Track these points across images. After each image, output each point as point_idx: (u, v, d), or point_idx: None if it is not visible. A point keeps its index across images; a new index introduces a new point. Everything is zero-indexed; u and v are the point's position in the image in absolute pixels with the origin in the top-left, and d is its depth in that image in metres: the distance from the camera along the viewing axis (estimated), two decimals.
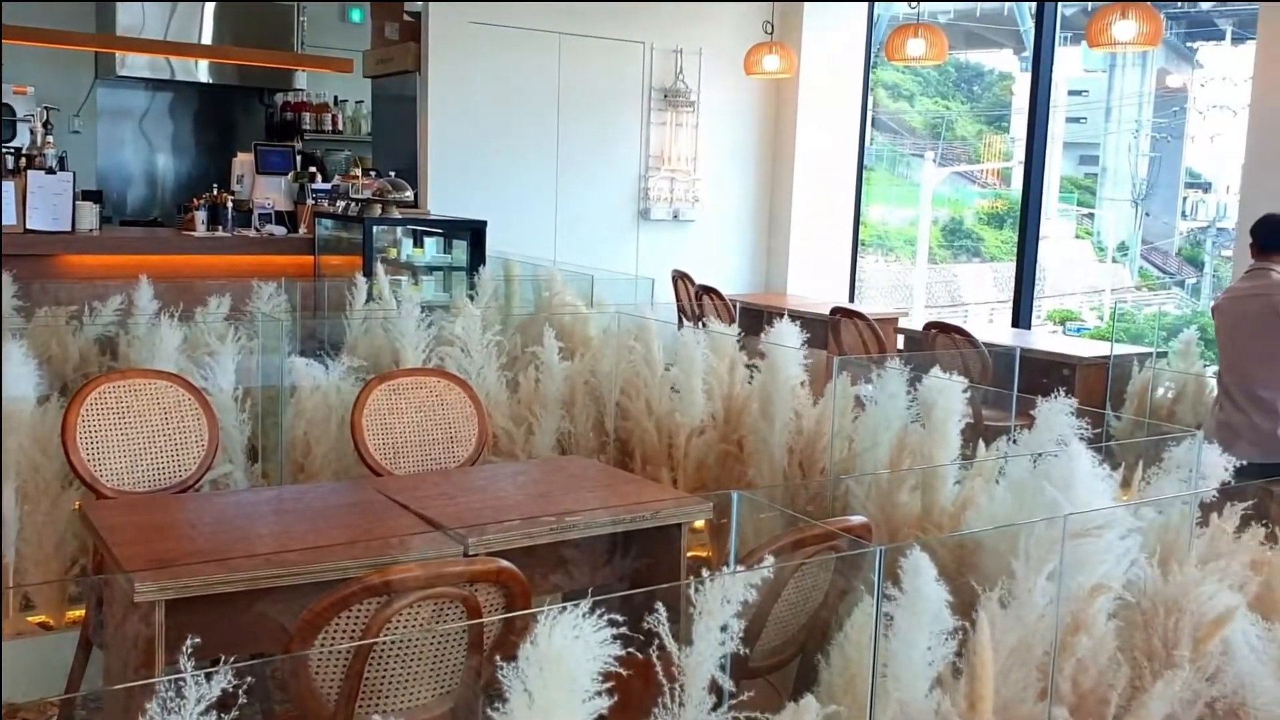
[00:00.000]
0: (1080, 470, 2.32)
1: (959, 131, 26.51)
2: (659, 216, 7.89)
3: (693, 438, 4.16)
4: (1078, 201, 25.63)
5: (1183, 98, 25.65)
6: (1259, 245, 4.49)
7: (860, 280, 21.02)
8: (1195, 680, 2.24)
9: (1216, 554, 2.53)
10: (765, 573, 1.81)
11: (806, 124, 8.17)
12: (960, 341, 5.57)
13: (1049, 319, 20.56)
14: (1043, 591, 2.12)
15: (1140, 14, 5.52)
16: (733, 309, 6.72)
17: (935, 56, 6.48)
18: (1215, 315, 4.57)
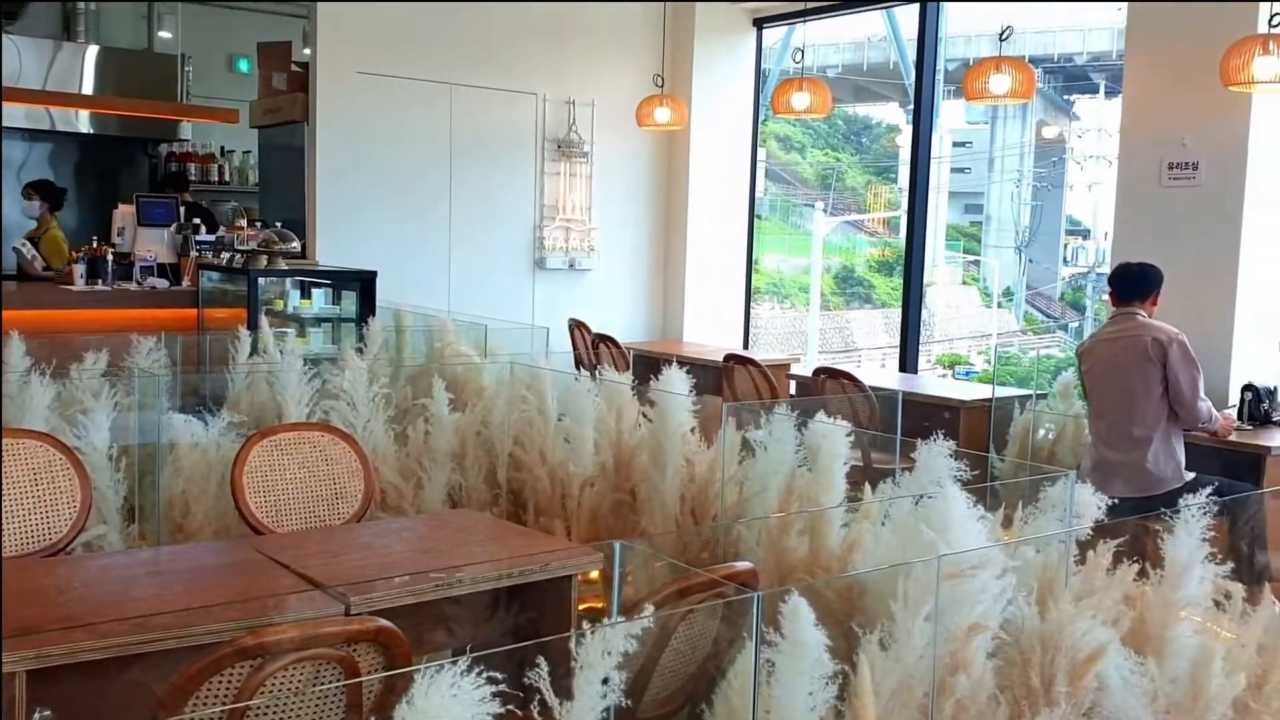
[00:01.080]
0: (956, 511, 2.37)
1: (849, 182, 27.23)
2: (555, 265, 7.91)
3: (586, 487, 4.14)
4: (964, 249, 26.46)
5: (1061, 148, 26.75)
6: (1118, 294, 4.71)
7: (757, 327, 21.31)
8: (1072, 716, 2.28)
9: (1091, 591, 2.60)
10: (646, 623, 1.80)
11: (699, 174, 8.29)
12: (848, 386, 5.67)
13: (939, 363, 21.10)
14: (921, 632, 2.15)
15: (1013, 68, 5.75)
16: (628, 357, 6.74)
17: (820, 109, 6.64)
18: (1082, 359, 4.75)
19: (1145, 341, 4.53)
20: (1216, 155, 5.66)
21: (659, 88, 7.55)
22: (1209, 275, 5.66)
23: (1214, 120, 5.65)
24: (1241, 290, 5.62)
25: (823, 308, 23.11)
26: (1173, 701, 2.55)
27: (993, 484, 3.00)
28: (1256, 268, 5.68)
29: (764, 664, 2.00)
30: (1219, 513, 4.43)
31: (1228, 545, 4.45)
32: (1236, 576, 3.63)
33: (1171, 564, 2.66)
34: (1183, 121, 5.76)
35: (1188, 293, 5.66)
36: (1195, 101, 5.67)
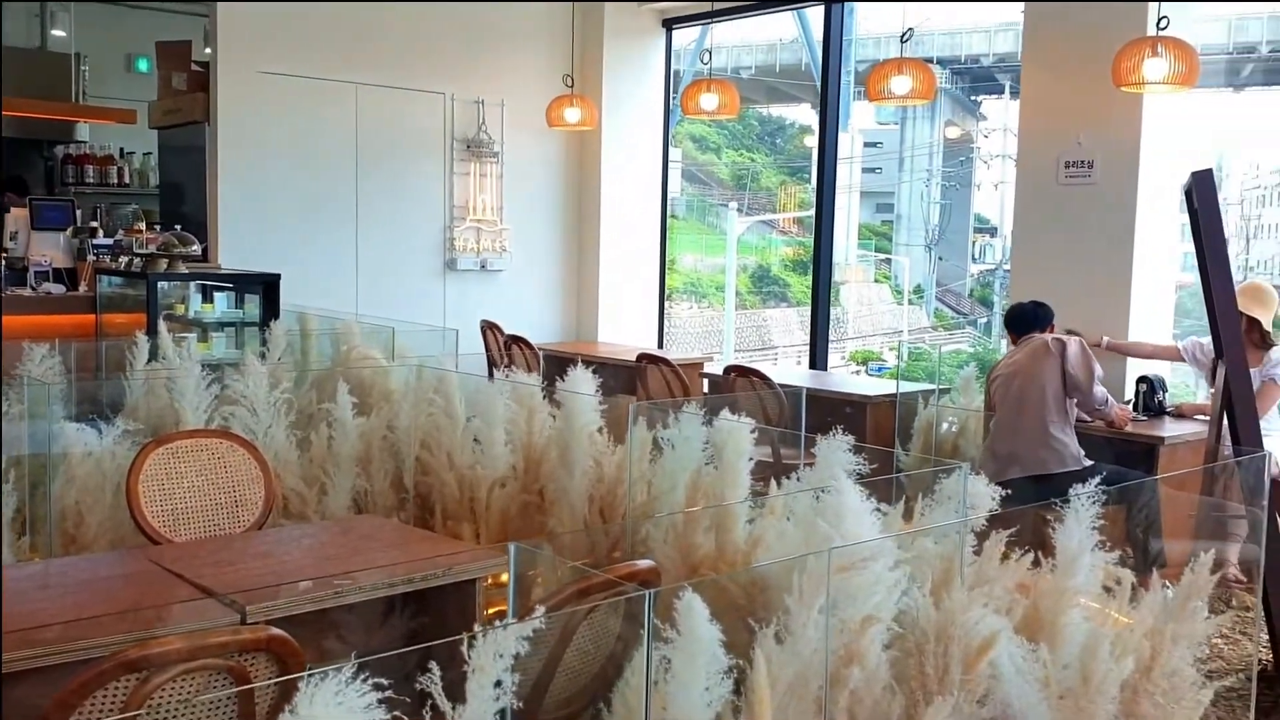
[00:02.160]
0: (850, 505, 2.40)
1: (763, 182, 27.49)
2: (466, 267, 7.84)
3: (494, 489, 4.12)
4: (876, 247, 26.89)
5: (969, 148, 27.32)
6: (1015, 333, 4.90)
7: (675, 326, 21.35)
8: (966, 704, 2.33)
9: (985, 580, 2.65)
10: (537, 625, 1.79)
11: (611, 175, 8.29)
12: (758, 384, 5.72)
13: (852, 359, 21.41)
14: (816, 625, 2.17)
15: (915, 69, 5.85)
16: (540, 358, 6.72)
17: (728, 110, 6.69)
18: (991, 381, 4.90)
19: (1045, 341, 4.72)
20: (1111, 154, 5.83)
21: (569, 88, 7.54)
22: (1105, 270, 5.82)
23: (1108, 120, 5.81)
24: (1136, 284, 5.79)
25: (740, 307, 23.30)
26: (1065, 687, 2.62)
27: (888, 477, 3.04)
28: (1149, 263, 5.86)
29: (661, 661, 2.01)
30: (1115, 501, 4.59)
31: (1124, 533, 4.61)
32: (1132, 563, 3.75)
33: (1063, 552, 2.73)
34: (1078, 121, 5.92)
35: (1085, 288, 5.83)
36: (1090, 102, 5.82)
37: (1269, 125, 29.06)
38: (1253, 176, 28.06)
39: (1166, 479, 4.75)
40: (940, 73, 24.93)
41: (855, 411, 5.82)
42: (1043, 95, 6.16)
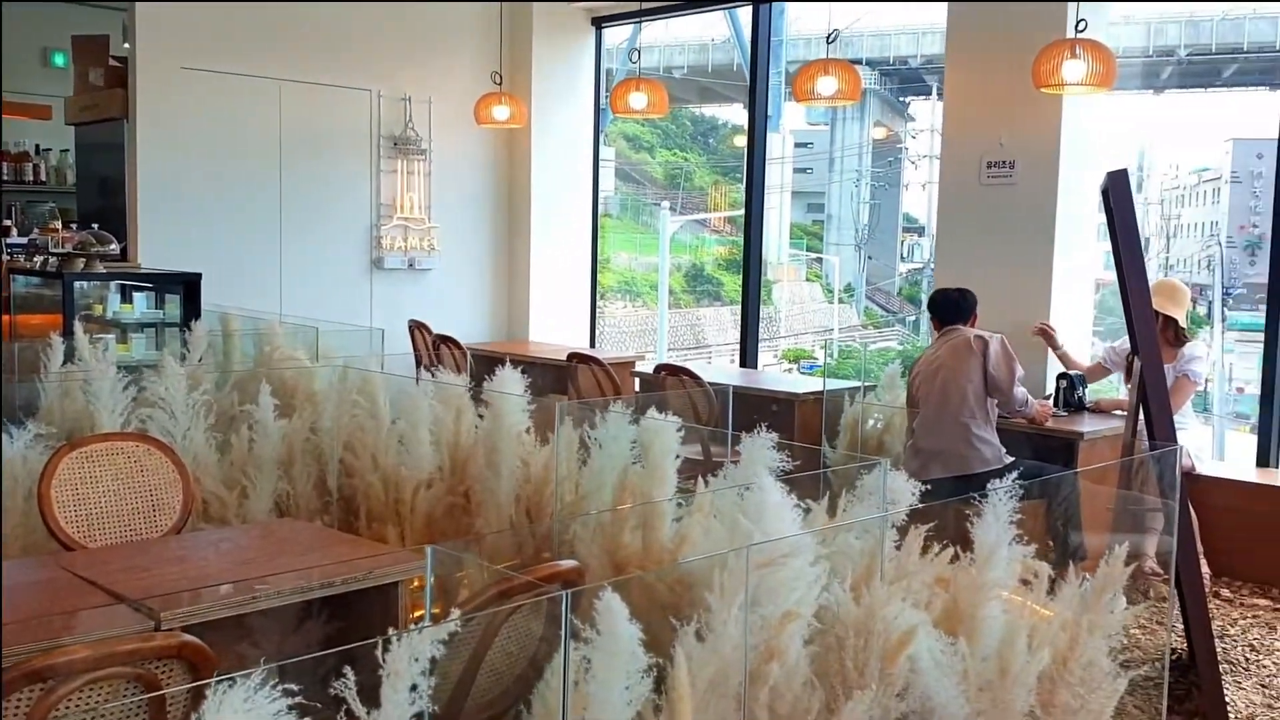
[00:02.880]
0: (771, 502, 2.41)
1: (697, 181, 27.59)
2: (393, 266, 7.76)
3: (419, 491, 4.07)
4: (807, 247, 27.14)
5: (897, 148, 27.70)
6: (939, 319, 4.93)
7: (609, 325, 21.28)
8: (884, 698, 2.35)
9: (905, 575, 2.68)
10: (453, 628, 1.78)
11: (541, 173, 8.26)
12: (689, 382, 5.73)
13: (784, 357, 21.58)
14: (737, 622, 2.18)
15: (840, 70, 5.90)
16: (469, 358, 6.66)
17: (657, 110, 6.70)
18: (913, 371, 4.95)
19: (968, 338, 4.75)
20: (1031, 154, 5.93)
21: (497, 85, 7.49)
22: (1026, 269, 5.92)
23: (1028, 121, 5.91)
24: (1056, 282, 5.90)
25: (674, 305, 23.37)
26: (983, 679, 2.65)
27: (809, 473, 3.06)
28: (1069, 261, 5.98)
29: (581, 661, 2.00)
30: (1037, 496, 4.68)
31: (1045, 527, 4.69)
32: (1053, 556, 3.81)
33: (981, 546, 2.76)
34: (1000, 122, 6.02)
35: (1007, 286, 5.93)
36: (1011, 103, 5.92)
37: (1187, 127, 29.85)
38: (1172, 177, 28.80)
39: (1085, 473, 4.84)
40: (869, 74, 25.25)
41: (784, 409, 5.87)
42: (965, 97, 6.25)
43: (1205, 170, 27.44)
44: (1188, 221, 27.43)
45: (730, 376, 6.78)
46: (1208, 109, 39.15)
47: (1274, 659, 4.43)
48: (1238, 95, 26.18)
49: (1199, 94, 27.59)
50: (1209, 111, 44.01)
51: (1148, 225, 27.18)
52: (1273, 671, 4.32)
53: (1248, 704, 4.03)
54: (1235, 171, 26.04)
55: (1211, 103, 28.71)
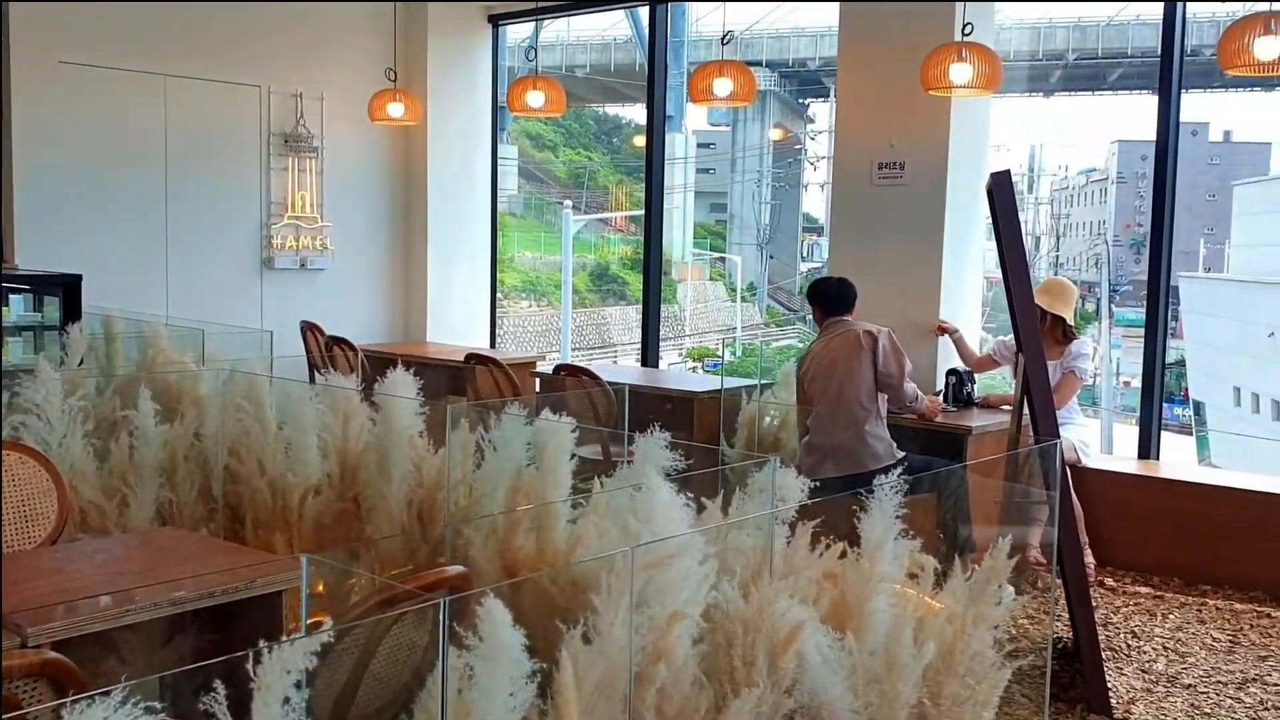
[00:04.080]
0: (660, 501, 2.41)
1: (601, 181, 27.61)
2: (285, 266, 7.59)
3: (308, 498, 3.98)
4: (711, 246, 27.37)
5: (797, 150, 28.07)
6: (823, 309, 4.97)
7: (513, 325, 21.14)
8: (772, 695, 2.36)
9: (793, 571, 2.70)
10: (325, 638, 1.73)
11: (438, 171, 8.15)
12: (588, 382, 5.71)
13: (689, 356, 21.73)
14: (624, 624, 2.17)
15: (735, 72, 5.95)
16: (364, 360, 6.55)
17: (555, 108, 6.67)
18: (803, 364, 5.00)
19: (857, 334, 4.80)
20: (921, 156, 6.04)
21: (392, 82, 7.37)
22: (916, 268, 6.03)
23: (918, 122, 6.02)
24: (945, 281, 6.02)
25: (579, 305, 23.34)
26: (871, 673, 2.69)
27: (698, 472, 3.07)
28: (958, 260, 6.10)
29: (465, 668, 1.97)
30: (928, 490, 4.76)
31: (936, 520, 4.78)
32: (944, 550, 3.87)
33: (867, 540, 2.79)
34: (891, 124, 6.12)
35: (898, 284, 6.03)
36: (901, 105, 6.02)
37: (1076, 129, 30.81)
38: (1061, 177, 29.73)
39: (973, 467, 4.95)
40: (769, 76, 25.53)
41: (682, 408, 5.89)
42: (857, 99, 6.34)
43: (1092, 171, 28.40)
44: (1076, 220, 28.35)
45: (632, 376, 6.78)
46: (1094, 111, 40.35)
47: (1154, 645, 4.57)
48: (1123, 99, 27.10)
49: (1086, 97, 28.51)
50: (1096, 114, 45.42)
51: (1039, 224, 28.01)
52: (1152, 657, 4.46)
53: (1129, 689, 4.15)
54: (1121, 172, 26.98)
55: (1098, 106, 29.70)
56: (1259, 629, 4.74)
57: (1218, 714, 3.96)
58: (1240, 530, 5.15)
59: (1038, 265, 26.68)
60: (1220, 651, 4.51)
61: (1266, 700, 4.06)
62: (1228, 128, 29.22)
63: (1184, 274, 21.20)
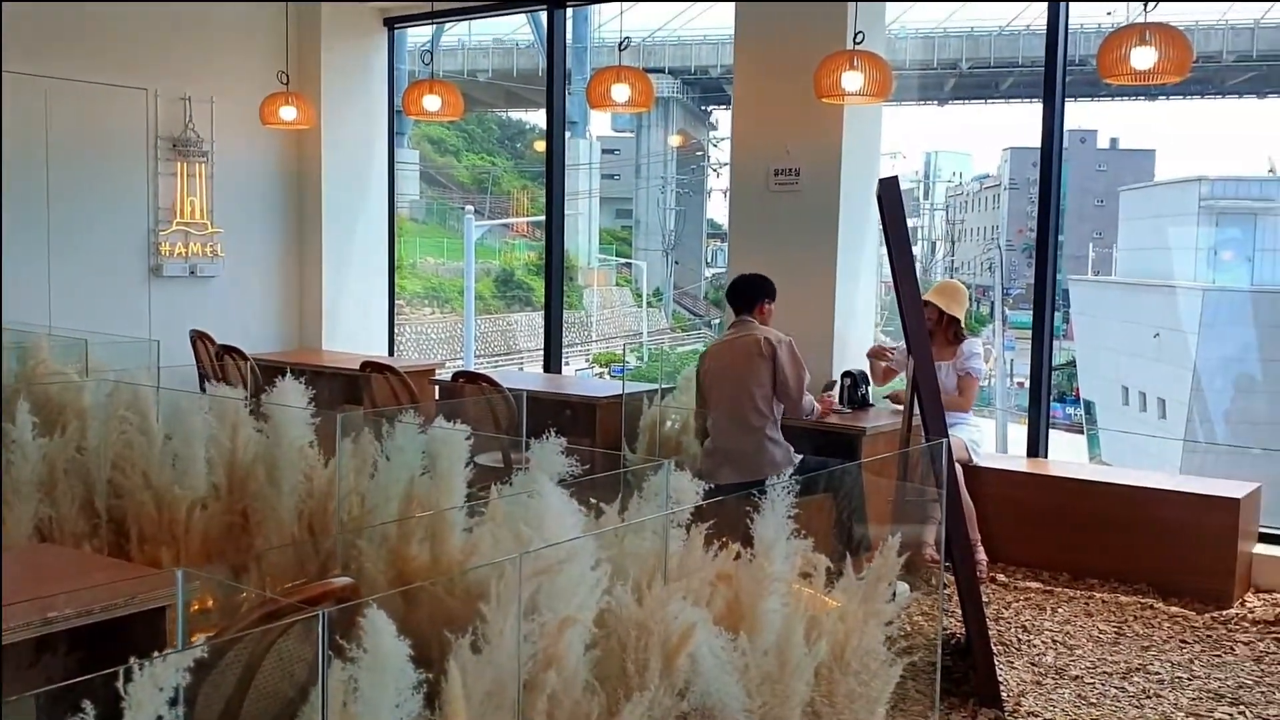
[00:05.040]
0: (551, 507, 2.40)
1: (505, 186, 27.48)
2: (173, 273, 7.38)
3: (195, 511, 3.87)
4: (617, 252, 27.43)
5: (701, 156, 28.30)
6: (734, 305, 5.03)
7: (416, 332, 20.89)
8: (665, 698, 2.36)
9: (687, 573, 2.70)
10: (198, 653, 1.68)
11: (334, 176, 8.02)
12: (488, 389, 5.67)
13: (595, 362, 21.73)
14: (513, 632, 2.15)
15: (632, 78, 5.96)
16: (256, 369, 6.41)
17: (451, 112, 6.61)
18: (702, 363, 5.03)
19: (758, 340, 4.83)
20: (815, 162, 6.13)
21: (284, 85, 7.23)
22: (811, 272, 6.12)
23: (812, 129, 6.11)
24: (839, 285, 6.12)
25: (484, 311, 23.18)
26: (764, 673, 2.71)
27: (595, 476, 3.06)
28: (852, 266, 6.20)
29: (349, 681, 1.93)
30: (823, 490, 4.82)
31: (834, 520, 4.85)
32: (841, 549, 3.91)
33: (760, 541, 2.81)
34: (786, 130, 6.19)
35: (794, 289, 6.09)
36: (796, 112, 6.10)
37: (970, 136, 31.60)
38: (956, 184, 30.46)
39: (868, 467, 5.03)
40: (672, 83, 25.69)
41: (585, 414, 5.88)
42: (753, 106, 6.41)
43: (986, 177, 29.16)
44: (971, 226, 29.06)
45: (536, 382, 6.75)
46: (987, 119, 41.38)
47: (1043, 638, 4.70)
48: (1015, 107, 27.88)
49: (979, 105, 29.26)
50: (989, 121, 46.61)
51: (934, 230, 28.67)
52: (1042, 650, 4.58)
53: (1019, 682, 4.26)
54: (1013, 179, 27.74)
55: (991, 113, 30.52)
56: (1142, 620, 4.91)
57: (1103, 704, 4.09)
58: (1124, 525, 5.33)
59: (934, 270, 27.30)
60: (1106, 643, 4.66)
61: (1148, 689, 4.21)
62: (1115, 135, 30.27)
63: (1074, 277, 21.90)
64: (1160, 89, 24.04)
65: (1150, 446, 17.13)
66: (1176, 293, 17.90)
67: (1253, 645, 4.63)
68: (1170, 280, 18.49)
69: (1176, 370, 17.22)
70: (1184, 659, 4.48)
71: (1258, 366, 16.54)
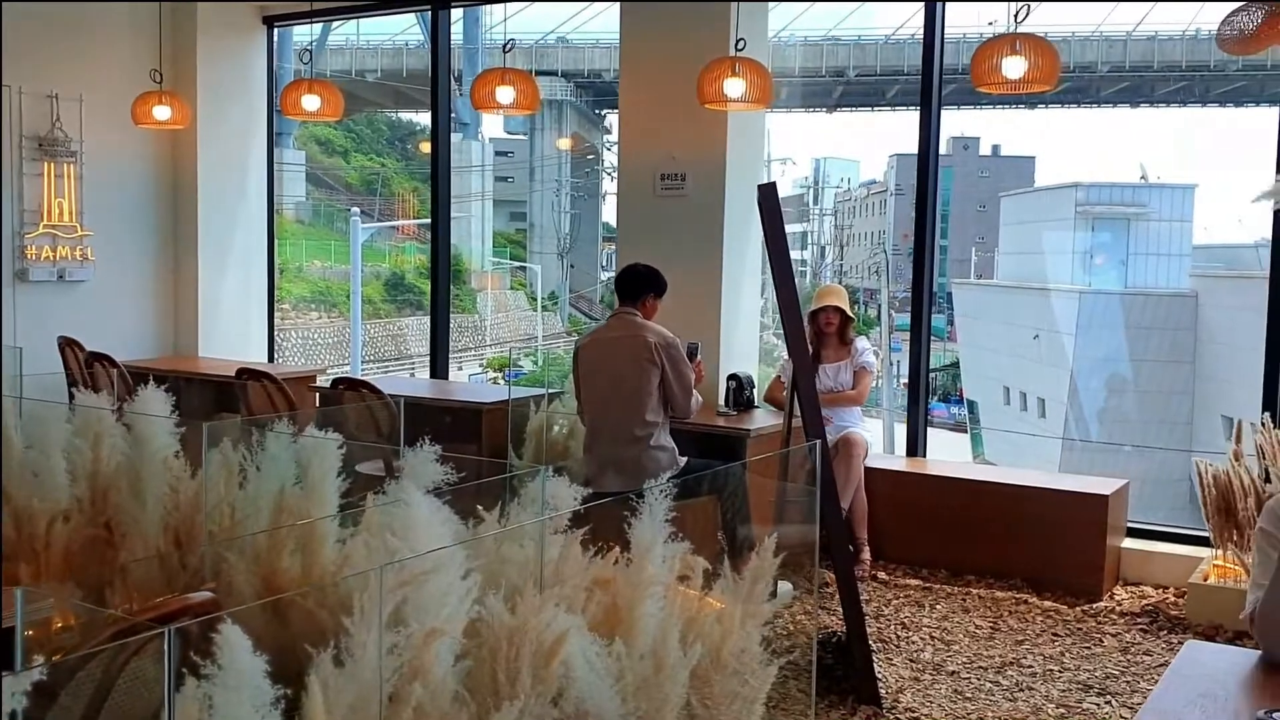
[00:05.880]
0: (419, 517, 2.35)
1: (395, 187, 27.09)
2: (40, 278, 7.09)
3: (55, 525, 3.71)
4: (511, 255, 27.28)
5: (595, 159, 28.32)
6: (619, 294, 4.97)
7: (303, 337, 20.43)
8: (536, 706, 2.34)
9: (561, 579, 2.69)
10: (36, 676, 1.60)
11: (210, 177, 7.79)
12: (368, 396, 5.57)
13: (489, 366, 21.55)
14: (377, 644, 2.10)
15: (516, 80, 5.93)
16: (125, 376, 6.19)
17: (331, 113, 6.49)
18: (579, 356, 4.95)
19: (643, 343, 4.72)
20: (701, 168, 6.17)
21: (157, 83, 6.99)
22: (698, 277, 6.15)
23: (697, 135, 6.14)
24: (725, 289, 6.17)
25: (374, 316, 22.81)
26: (641, 677, 2.70)
27: (471, 484, 3.02)
28: (737, 269, 6.26)
29: (203, 699, 1.87)
30: (707, 492, 4.85)
31: (720, 521, 4.88)
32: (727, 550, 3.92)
33: (637, 545, 2.81)
34: (672, 136, 6.22)
35: (682, 293, 6.11)
36: (681, 117, 6.12)
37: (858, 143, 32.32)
38: (844, 190, 31.04)
39: (754, 468, 5.08)
40: (565, 86, 25.67)
41: (471, 419, 5.82)
42: (639, 111, 6.43)
43: (873, 183, 29.77)
44: (859, 231, 29.64)
45: (424, 389, 6.66)
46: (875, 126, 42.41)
47: (922, 635, 4.80)
48: (901, 114, 28.50)
49: (867, 112, 29.89)
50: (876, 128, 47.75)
51: (824, 234, 29.18)
52: (920, 646, 4.68)
53: (898, 679, 4.34)
54: (899, 185, 28.36)
55: (878, 121, 31.20)
56: (1017, 615, 5.05)
57: (978, 698, 4.19)
58: (1000, 522, 5.48)
59: (824, 273, 27.77)
60: (982, 638, 4.78)
61: (1021, 682, 4.33)
62: (997, 142, 31.20)
63: (957, 281, 22.51)
64: (1039, 98, 24.86)
65: (1032, 445, 17.69)
66: (1054, 296, 18.54)
67: (1120, 636, 4.80)
68: (1049, 283, 19.14)
69: (1055, 371, 17.83)
70: (1055, 652, 4.62)
71: (1128, 366, 17.23)
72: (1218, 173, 40.75)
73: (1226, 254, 18.06)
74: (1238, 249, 17.22)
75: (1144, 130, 37.89)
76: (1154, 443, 15.57)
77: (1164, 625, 4.91)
